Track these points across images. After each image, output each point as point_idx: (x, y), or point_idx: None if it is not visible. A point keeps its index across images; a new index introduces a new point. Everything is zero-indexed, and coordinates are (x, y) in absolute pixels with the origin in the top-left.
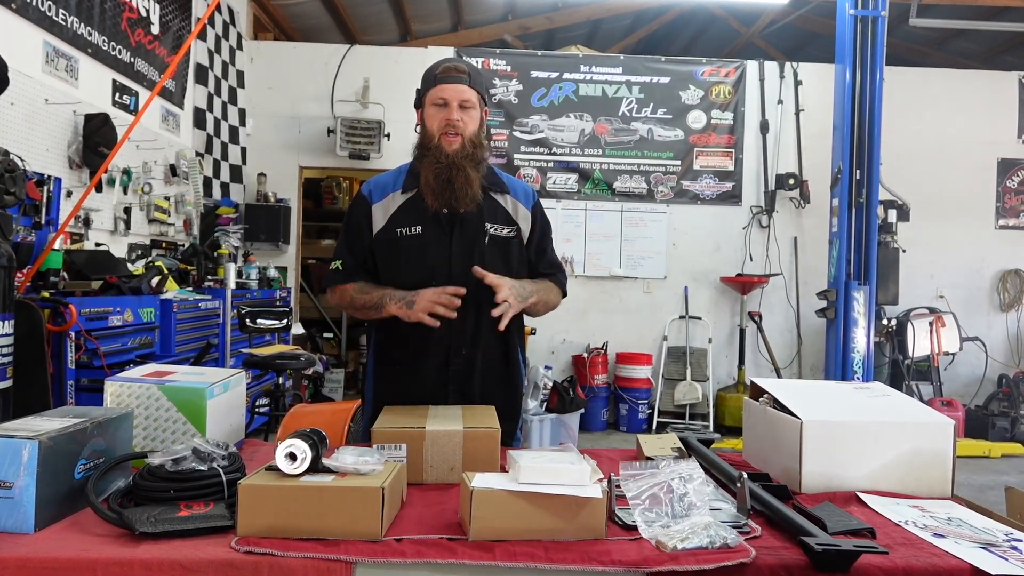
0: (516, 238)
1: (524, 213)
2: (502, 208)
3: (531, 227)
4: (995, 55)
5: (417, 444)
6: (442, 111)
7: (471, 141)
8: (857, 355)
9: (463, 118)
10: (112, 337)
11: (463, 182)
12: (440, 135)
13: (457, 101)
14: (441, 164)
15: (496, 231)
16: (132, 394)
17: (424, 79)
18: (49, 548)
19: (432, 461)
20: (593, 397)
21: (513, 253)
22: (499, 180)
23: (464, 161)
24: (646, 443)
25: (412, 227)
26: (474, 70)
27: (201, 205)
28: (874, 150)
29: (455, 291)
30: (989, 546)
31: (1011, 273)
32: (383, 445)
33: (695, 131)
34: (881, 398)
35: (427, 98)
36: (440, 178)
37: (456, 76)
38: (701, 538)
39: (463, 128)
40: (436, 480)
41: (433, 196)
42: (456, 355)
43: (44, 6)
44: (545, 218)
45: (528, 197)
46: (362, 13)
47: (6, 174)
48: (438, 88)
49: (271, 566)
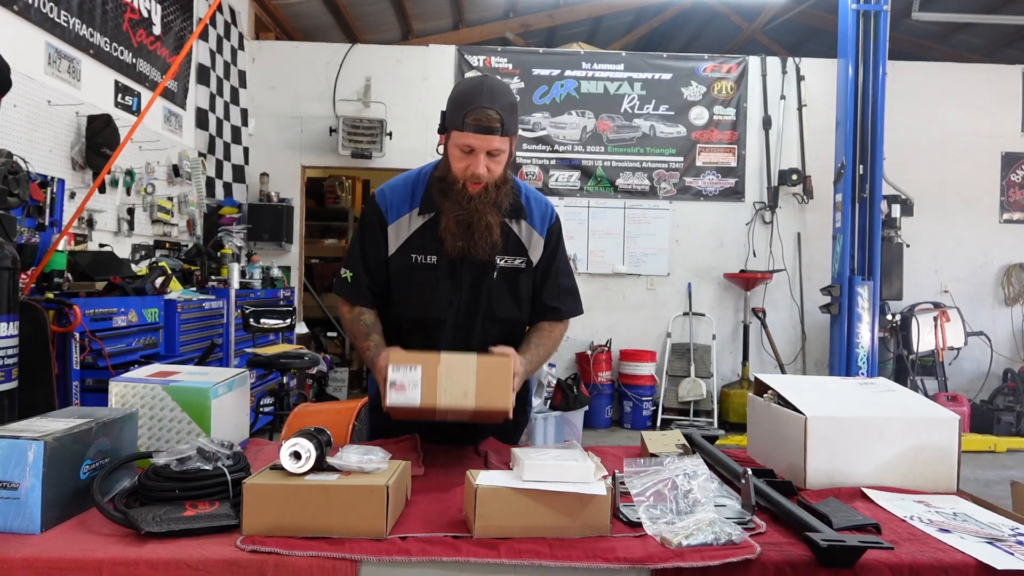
0: (526, 270)
1: (537, 240)
2: (514, 237)
3: (541, 254)
4: (998, 49)
5: (432, 368)
6: (468, 158)
7: (495, 183)
8: (861, 350)
9: (490, 165)
10: (116, 338)
11: (483, 229)
12: (464, 180)
13: (485, 151)
14: (464, 210)
15: (506, 263)
16: (137, 394)
17: (451, 110)
18: (55, 548)
19: (446, 385)
20: (597, 394)
21: (522, 286)
22: (517, 204)
23: (486, 205)
24: (650, 440)
25: (428, 256)
26: (507, 112)
27: (204, 205)
28: (877, 145)
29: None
30: (995, 541)
31: (1016, 267)
32: (398, 367)
33: (697, 127)
34: (886, 393)
35: (453, 136)
36: (461, 224)
37: (487, 127)
38: (706, 534)
39: (488, 177)
40: (449, 404)
41: (452, 240)
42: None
43: (46, 8)
44: (559, 242)
45: (544, 221)
46: (363, 12)
47: (10, 176)
48: (465, 135)
49: (276, 565)
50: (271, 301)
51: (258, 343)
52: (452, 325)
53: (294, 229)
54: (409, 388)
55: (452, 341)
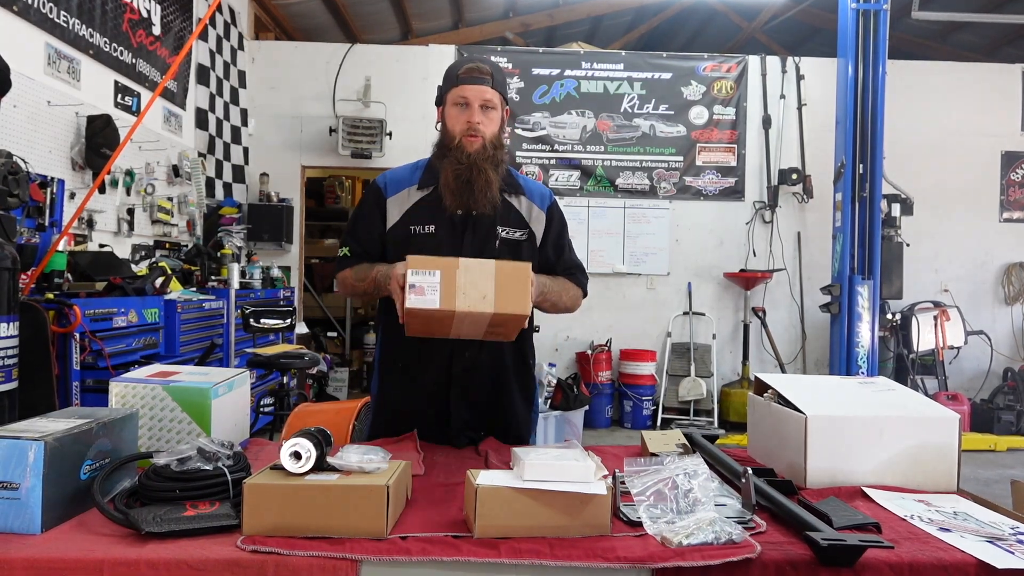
0: (528, 241)
1: (538, 215)
2: (515, 211)
3: (545, 229)
4: (998, 47)
5: (450, 272)
6: (464, 112)
7: (491, 143)
8: (861, 350)
9: (484, 119)
10: (117, 338)
11: (483, 184)
12: (461, 136)
13: (479, 102)
14: (462, 165)
15: (508, 234)
16: (137, 394)
17: (446, 77)
18: (55, 548)
19: (465, 288)
20: (597, 394)
21: (524, 256)
22: (515, 182)
23: (484, 162)
24: (650, 439)
25: (426, 225)
26: (497, 70)
27: (204, 205)
28: (877, 144)
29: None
30: (995, 540)
31: (1016, 266)
32: (417, 271)
33: (697, 127)
34: (886, 392)
35: (448, 97)
36: (461, 179)
37: (479, 77)
38: (706, 534)
39: (484, 130)
40: (468, 308)
41: (452, 196)
42: (459, 356)
43: (45, 8)
44: (562, 219)
45: (544, 199)
46: (363, 12)
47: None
48: (460, 88)
49: (277, 565)
50: (271, 301)
51: (258, 343)
52: None
53: (294, 229)
54: (428, 291)
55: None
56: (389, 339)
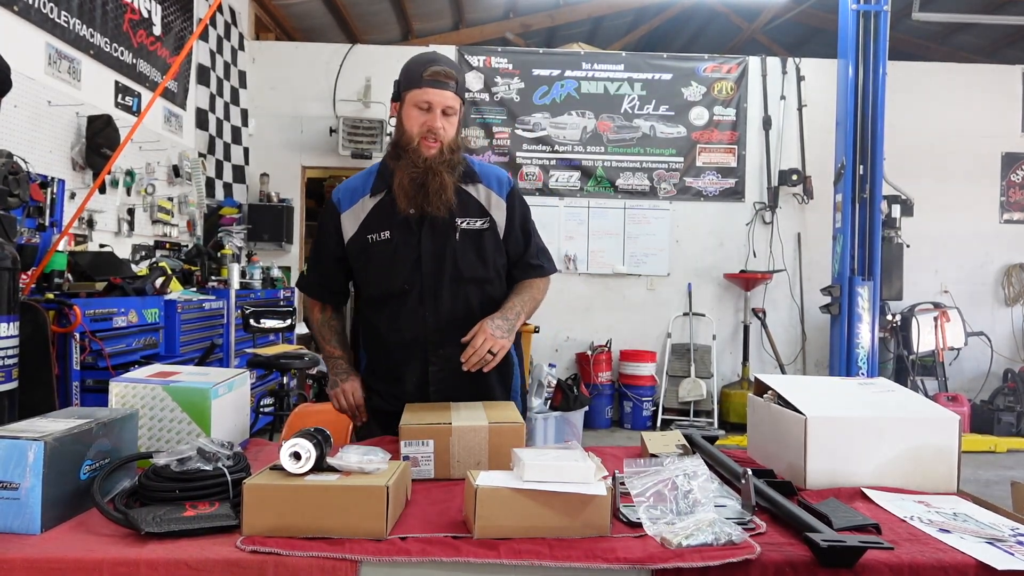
0: (490, 229)
1: (498, 202)
2: (474, 200)
3: (507, 215)
4: (998, 49)
5: (444, 440)
6: (424, 115)
7: (449, 147)
8: (861, 351)
9: (445, 125)
10: (117, 338)
11: (437, 186)
12: (420, 139)
13: (441, 108)
14: (418, 169)
15: (468, 225)
16: (137, 395)
17: (407, 74)
18: (55, 548)
19: (459, 456)
20: (597, 395)
21: (487, 245)
22: (471, 171)
23: (440, 166)
24: (650, 440)
25: (381, 232)
26: (458, 71)
27: (204, 206)
28: (877, 145)
29: (360, 413)
30: (995, 541)
31: (1016, 267)
32: (411, 441)
33: (697, 128)
34: (886, 394)
35: (408, 96)
36: (415, 182)
37: (443, 82)
38: (706, 535)
39: (444, 135)
40: (464, 475)
41: (406, 199)
42: (434, 355)
43: (46, 8)
44: (523, 204)
45: (503, 184)
46: (363, 12)
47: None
48: (423, 91)
49: (276, 565)
50: (271, 301)
51: (258, 343)
52: (417, 294)
53: (294, 229)
54: (423, 462)
55: (420, 310)
56: (368, 350)
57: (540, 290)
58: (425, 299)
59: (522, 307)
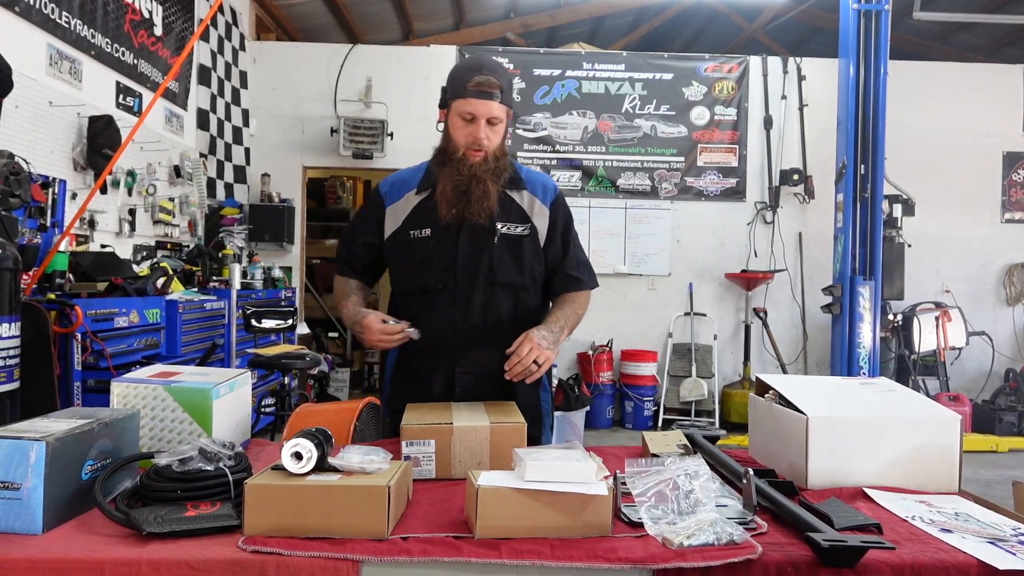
0: (530, 236)
1: (541, 209)
2: (517, 205)
3: (549, 224)
4: (1000, 48)
5: (445, 440)
6: (469, 127)
7: (494, 155)
8: (863, 350)
9: (489, 135)
10: (118, 338)
11: (480, 194)
12: (465, 149)
13: (486, 118)
14: (462, 177)
15: (508, 230)
16: (138, 395)
17: (453, 83)
18: (57, 549)
19: (460, 456)
20: (598, 395)
21: (526, 251)
22: (518, 177)
23: (485, 174)
24: (652, 440)
25: (422, 229)
26: (505, 82)
27: (205, 206)
28: (878, 145)
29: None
30: (996, 541)
31: (1017, 267)
32: (412, 441)
33: (698, 127)
34: (887, 393)
35: (454, 106)
36: (459, 189)
37: (488, 92)
38: (707, 535)
39: (488, 144)
40: (465, 475)
41: (447, 205)
42: (461, 358)
43: (47, 9)
44: (567, 213)
45: (548, 192)
46: (364, 12)
47: (11, 177)
48: (467, 102)
49: (278, 565)
50: (272, 302)
51: (259, 344)
52: (449, 295)
53: (295, 230)
54: (424, 461)
55: (451, 310)
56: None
57: (582, 304)
58: (457, 300)
59: (565, 321)
